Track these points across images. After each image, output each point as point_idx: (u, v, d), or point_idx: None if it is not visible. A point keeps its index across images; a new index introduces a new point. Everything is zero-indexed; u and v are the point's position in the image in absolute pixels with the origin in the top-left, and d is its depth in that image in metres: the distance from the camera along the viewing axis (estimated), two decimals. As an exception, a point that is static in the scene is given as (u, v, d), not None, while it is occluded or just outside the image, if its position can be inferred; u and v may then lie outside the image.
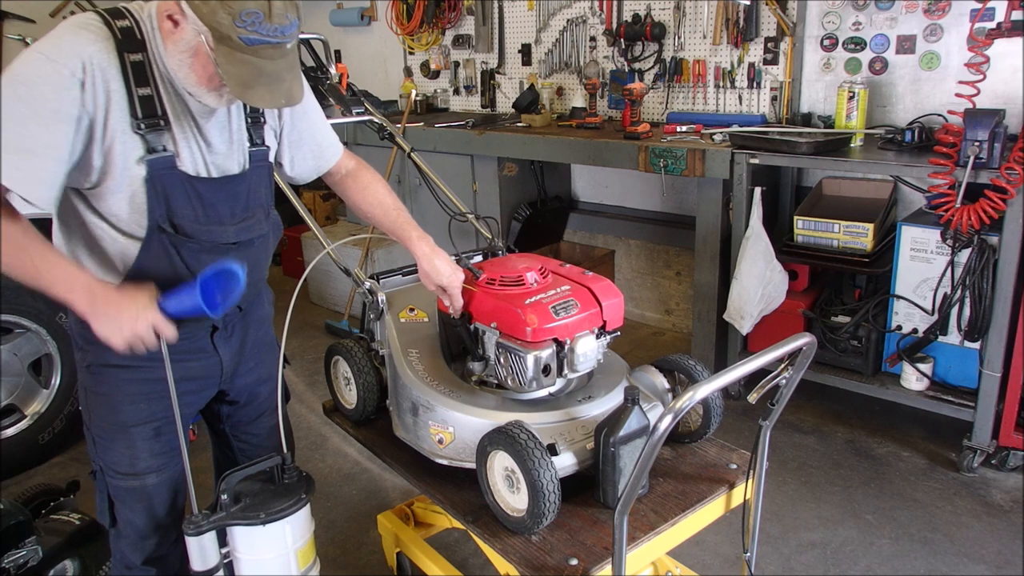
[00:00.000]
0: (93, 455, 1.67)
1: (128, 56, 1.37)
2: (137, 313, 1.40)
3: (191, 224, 1.50)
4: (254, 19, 1.28)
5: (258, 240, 1.65)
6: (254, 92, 1.34)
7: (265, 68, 1.33)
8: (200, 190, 1.50)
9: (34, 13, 5.43)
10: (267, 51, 1.32)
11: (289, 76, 1.38)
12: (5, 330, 3.01)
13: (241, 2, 1.27)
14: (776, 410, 1.60)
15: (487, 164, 4.03)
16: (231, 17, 1.27)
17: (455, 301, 1.77)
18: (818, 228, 3.09)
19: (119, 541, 1.72)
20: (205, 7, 1.28)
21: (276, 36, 1.31)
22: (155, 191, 1.44)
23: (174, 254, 1.51)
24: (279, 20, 1.30)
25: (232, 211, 1.57)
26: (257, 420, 1.89)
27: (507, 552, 1.54)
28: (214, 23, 1.28)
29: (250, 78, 1.33)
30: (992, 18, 2.89)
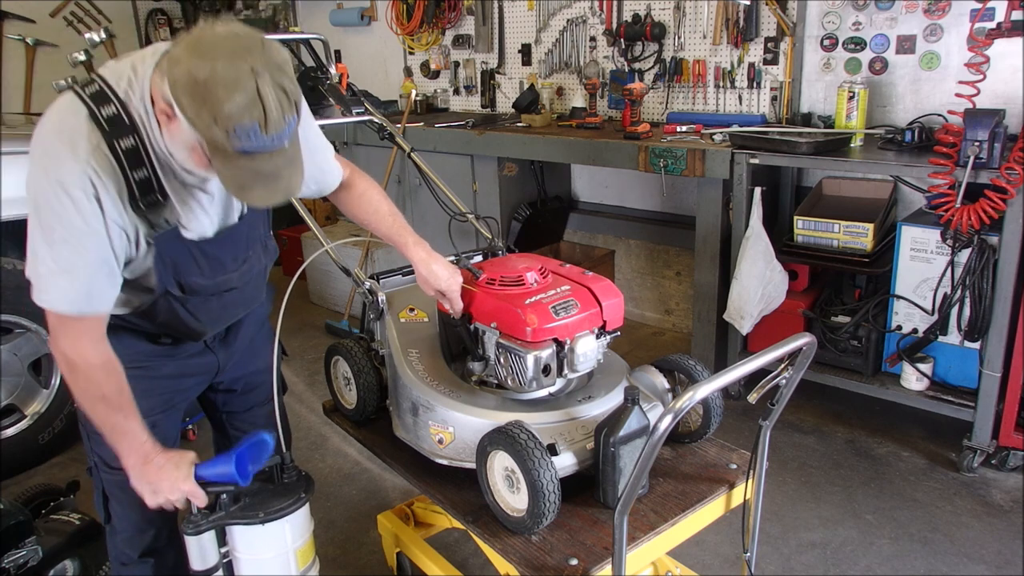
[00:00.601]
0: (89, 450, 1.69)
1: (119, 144, 1.34)
2: (175, 483, 1.48)
3: (198, 280, 1.54)
4: (250, 133, 1.21)
5: (257, 275, 1.71)
6: (251, 193, 1.31)
7: (263, 168, 1.29)
8: (204, 249, 1.52)
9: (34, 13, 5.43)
10: (264, 156, 1.27)
11: (288, 172, 1.33)
12: (5, 330, 3.01)
13: (235, 118, 1.20)
14: (776, 410, 1.60)
15: (487, 164, 4.03)
16: (225, 133, 1.21)
17: (454, 304, 1.77)
18: (818, 228, 3.09)
19: (115, 537, 1.75)
20: (199, 120, 1.22)
21: (273, 144, 1.26)
22: (163, 262, 1.47)
23: (179, 307, 1.55)
24: (276, 128, 1.24)
25: (234, 257, 1.60)
26: (252, 409, 1.92)
27: (507, 552, 1.54)
28: (208, 136, 1.23)
29: (247, 180, 1.29)
30: (992, 18, 2.89)
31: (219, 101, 1.19)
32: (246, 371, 1.86)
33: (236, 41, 1.22)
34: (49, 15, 5.53)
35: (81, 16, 5.68)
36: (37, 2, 5.45)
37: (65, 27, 5.60)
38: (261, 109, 1.21)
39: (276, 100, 1.22)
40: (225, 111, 1.19)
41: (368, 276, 2.00)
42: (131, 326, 1.57)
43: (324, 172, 1.76)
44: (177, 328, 1.62)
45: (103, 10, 5.78)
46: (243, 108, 1.20)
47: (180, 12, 6.34)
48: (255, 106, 1.20)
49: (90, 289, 1.38)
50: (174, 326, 1.60)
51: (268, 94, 1.21)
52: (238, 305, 1.71)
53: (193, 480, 1.50)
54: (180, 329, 1.62)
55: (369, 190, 1.84)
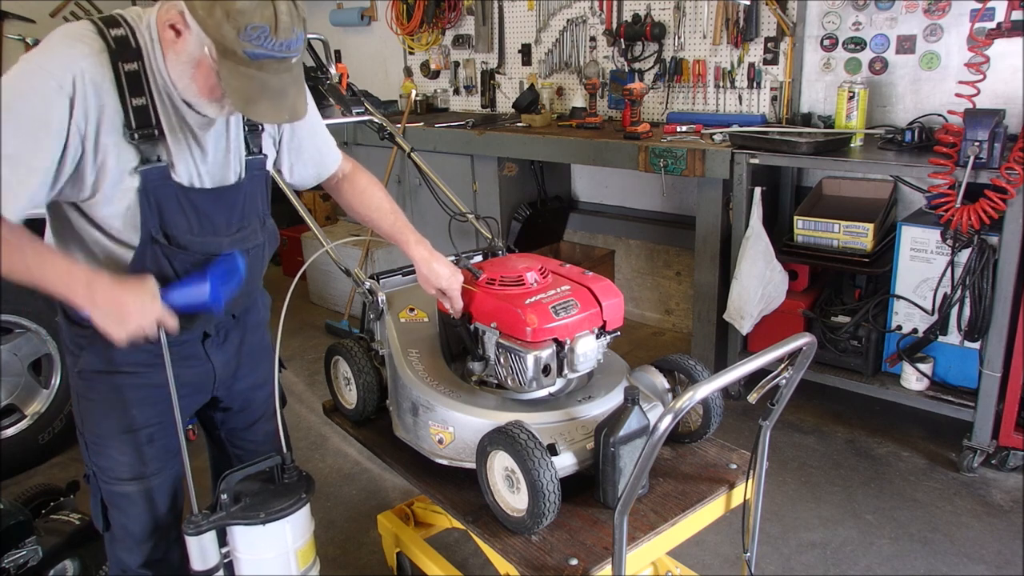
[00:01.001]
0: (86, 459, 1.66)
1: (123, 66, 1.34)
2: (141, 305, 1.37)
3: (185, 235, 1.49)
4: (260, 33, 1.24)
5: (253, 250, 1.64)
6: (257, 107, 1.32)
7: (269, 83, 1.30)
8: (194, 201, 1.48)
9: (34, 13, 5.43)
10: (272, 65, 1.29)
11: (294, 91, 1.35)
12: (5, 330, 3.01)
13: (247, 15, 1.23)
14: (776, 410, 1.60)
15: (487, 164, 4.03)
16: (236, 31, 1.24)
17: (455, 303, 1.77)
18: (818, 228, 3.09)
19: (113, 545, 1.71)
20: (210, 19, 1.24)
21: (282, 51, 1.28)
22: (148, 202, 1.42)
23: (167, 264, 1.49)
24: (285, 35, 1.27)
25: (228, 221, 1.55)
26: (253, 426, 1.88)
27: (507, 552, 1.54)
28: (218, 36, 1.25)
29: (254, 93, 1.30)
30: (992, 18, 2.89)
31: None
32: (245, 385, 1.81)
33: None
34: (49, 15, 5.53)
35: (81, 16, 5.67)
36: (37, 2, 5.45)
37: (65, 27, 5.60)
38: (272, 11, 1.25)
39: (287, 6, 1.27)
40: (238, 6, 1.23)
41: (368, 276, 2.00)
42: None
43: (323, 154, 1.76)
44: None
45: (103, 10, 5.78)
46: (255, 6, 1.24)
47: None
48: (266, 6, 1.24)
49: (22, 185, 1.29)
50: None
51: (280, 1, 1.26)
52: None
53: (160, 302, 1.40)
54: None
55: (371, 187, 1.84)
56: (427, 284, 1.78)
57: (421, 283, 1.80)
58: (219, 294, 1.43)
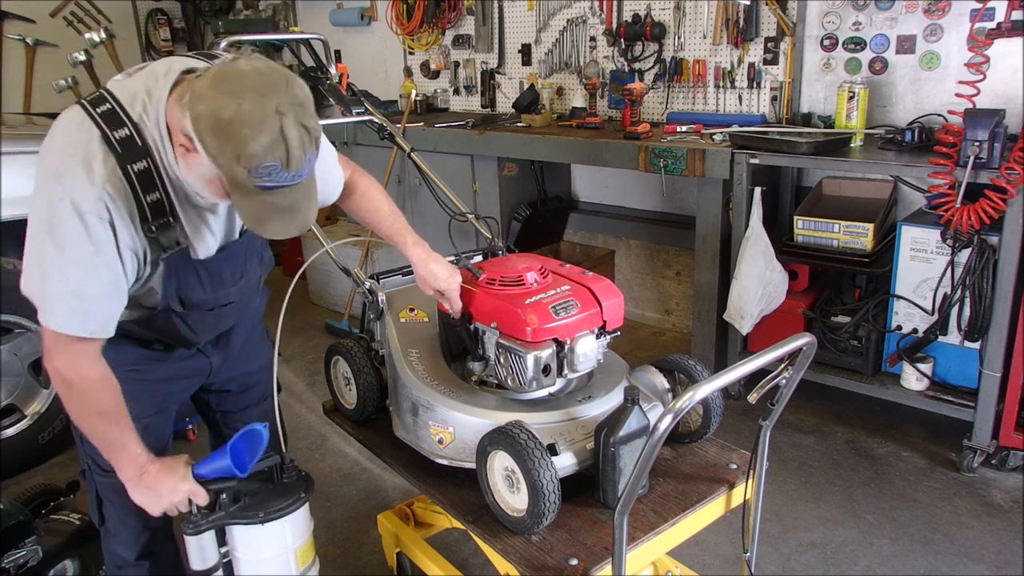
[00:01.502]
0: (82, 453, 1.70)
1: (131, 168, 1.33)
2: (175, 486, 1.50)
3: (198, 296, 1.55)
4: (271, 170, 1.22)
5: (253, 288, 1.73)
6: (268, 226, 1.32)
7: (280, 203, 1.29)
8: (207, 265, 1.53)
9: (34, 13, 5.43)
10: (284, 191, 1.28)
11: (305, 205, 1.34)
12: (5, 330, 3.01)
13: (259, 157, 1.21)
14: (776, 410, 1.60)
15: (487, 164, 4.03)
16: (247, 171, 1.22)
17: (454, 304, 1.77)
18: (818, 228, 3.09)
19: (109, 540, 1.74)
20: (221, 157, 1.22)
21: (293, 180, 1.27)
22: (169, 280, 1.48)
23: (178, 321, 1.57)
24: (297, 167, 1.25)
25: (233, 272, 1.61)
26: (246, 409, 1.92)
27: (507, 552, 1.54)
28: (229, 173, 1.24)
29: (265, 214, 1.30)
30: (992, 18, 2.89)
31: (244, 141, 1.19)
32: (239, 372, 1.86)
33: (261, 79, 1.23)
34: (49, 15, 5.53)
35: (81, 16, 5.68)
36: (37, 2, 5.45)
37: (65, 27, 5.60)
38: (284, 149, 1.22)
39: (299, 139, 1.23)
40: (249, 151, 1.20)
41: (368, 276, 2.00)
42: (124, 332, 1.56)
43: (329, 184, 1.75)
44: (172, 337, 1.62)
45: (103, 10, 5.78)
46: (267, 148, 1.20)
47: (180, 12, 6.34)
48: (278, 146, 1.21)
49: (99, 311, 1.38)
50: (169, 335, 1.61)
51: (291, 134, 1.22)
52: (232, 316, 1.73)
53: (192, 479, 1.50)
54: (175, 338, 1.63)
55: (371, 189, 1.84)
56: (425, 285, 1.78)
57: (419, 284, 1.81)
58: (245, 464, 1.52)
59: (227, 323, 1.74)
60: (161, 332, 1.60)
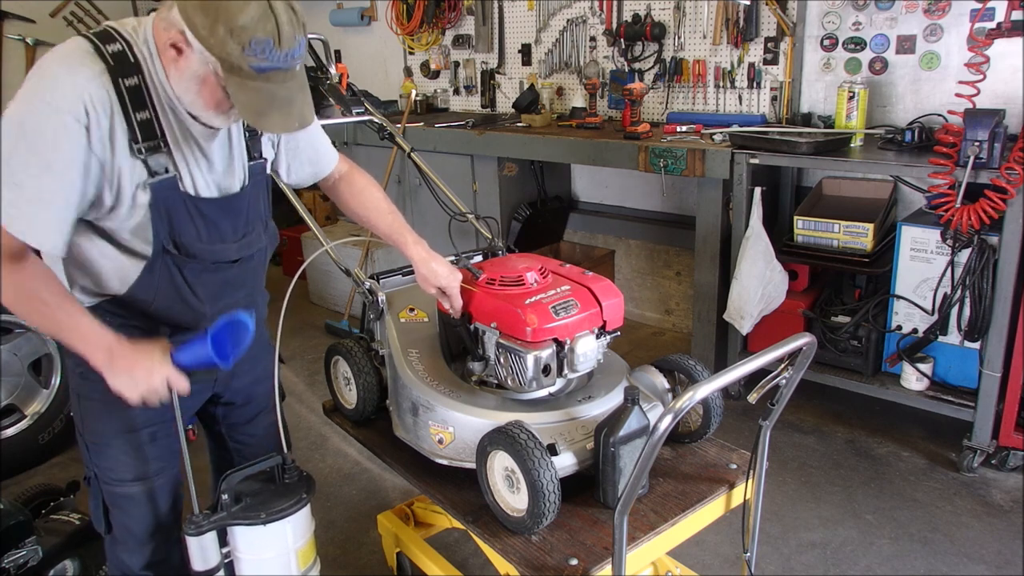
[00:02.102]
0: (87, 461, 1.66)
1: (123, 82, 1.33)
2: (152, 368, 1.41)
3: (194, 244, 1.50)
4: (264, 47, 1.24)
5: (257, 254, 1.67)
6: (268, 119, 1.32)
7: (277, 93, 1.31)
8: (203, 210, 1.50)
9: (34, 13, 5.43)
10: (278, 76, 1.30)
11: (300, 98, 1.36)
12: (5, 330, 3.01)
13: (250, 31, 1.23)
14: (776, 410, 1.60)
15: (487, 164, 4.03)
16: (241, 47, 1.23)
17: (455, 303, 1.77)
18: (818, 228, 3.09)
19: (115, 547, 1.71)
20: (212, 38, 1.24)
21: (287, 61, 1.28)
22: (159, 213, 1.44)
23: (176, 274, 1.51)
24: (288, 44, 1.27)
25: (234, 228, 1.57)
26: (253, 420, 1.89)
27: (507, 552, 1.54)
28: (223, 54, 1.25)
29: (263, 105, 1.30)
30: (992, 18, 2.89)
31: (233, 14, 1.22)
32: (245, 381, 1.82)
33: None
34: (49, 15, 5.53)
35: (81, 16, 5.68)
36: (37, 2, 5.44)
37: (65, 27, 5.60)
38: (274, 23, 1.24)
39: (287, 15, 1.26)
40: (240, 22, 1.22)
41: (368, 276, 2.00)
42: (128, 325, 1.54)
43: (320, 154, 1.76)
44: (175, 308, 1.56)
45: (103, 10, 5.78)
46: (257, 20, 1.23)
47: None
48: (268, 19, 1.24)
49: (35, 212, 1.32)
50: (172, 303, 1.54)
51: (279, 8, 1.25)
52: (236, 285, 1.66)
53: (170, 364, 1.43)
54: (178, 308, 1.56)
55: (369, 187, 1.84)
56: (426, 284, 1.78)
57: (420, 283, 1.80)
58: (228, 353, 1.45)
59: (230, 294, 1.65)
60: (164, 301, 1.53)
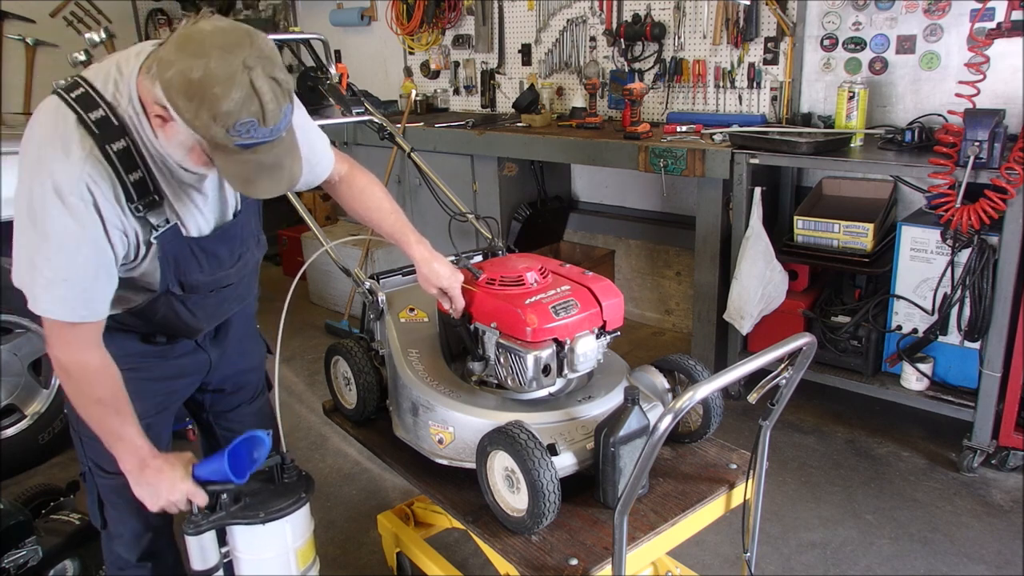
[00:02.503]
0: (82, 455, 1.69)
1: (110, 148, 1.33)
2: (174, 484, 1.49)
3: (197, 277, 1.54)
4: (249, 127, 1.22)
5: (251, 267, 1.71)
6: (256, 186, 1.31)
7: (264, 161, 1.29)
8: (203, 246, 1.52)
9: (34, 13, 5.43)
10: (264, 147, 1.27)
11: (289, 160, 1.34)
12: (5, 330, 3.01)
13: (234, 115, 1.20)
14: (776, 410, 1.60)
15: (487, 164, 4.03)
16: (225, 130, 1.21)
17: (456, 303, 1.77)
18: (818, 228, 3.09)
19: (111, 542, 1.73)
20: (197, 121, 1.21)
21: (272, 135, 1.26)
22: (167, 261, 1.47)
23: (177, 303, 1.55)
24: (273, 120, 1.24)
25: (231, 253, 1.60)
26: (239, 408, 1.92)
27: (507, 552, 1.54)
28: (208, 136, 1.23)
29: (250, 174, 1.29)
30: (992, 18, 2.89)
31: (216, 100, 1.19)
32: (235, 370, 1.86)
33: (225, 37, 1.22)
34: (49, 15, 5.53)
35: (81, 16, 5.68)
36: (37, 2, 5.45)
37: (65, 27, 5.60)
38: (258, 103, 1.21)
39: (271, 92, 1.23)
40: (224, 109, 1.19)
41: (368, 276, 2.00)
42: (124, 327, 1.57)
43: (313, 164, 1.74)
44: (174, 326, 1.61)
45: (103, 10, 5.78)
46: (240, 104, 1.20)
47: (180, 12, 6.34)
48: (252, 101, 1.21)
49: (88, 296, 1.37)
50: (171, 323, 1.60)
51: (263, 87, 1.21)
52: (233, 300, 1.72)
53: (191, 480, 1.50)
54: (177, 326, 1.62)
55: (370, 186, 1.83)
56: (427, 284, 1.78)
57: (421, 283, 1.80)
58: (244, 471, 1.51)
59: (227, 309, 1.73)
60: (163, 320, 1.58)
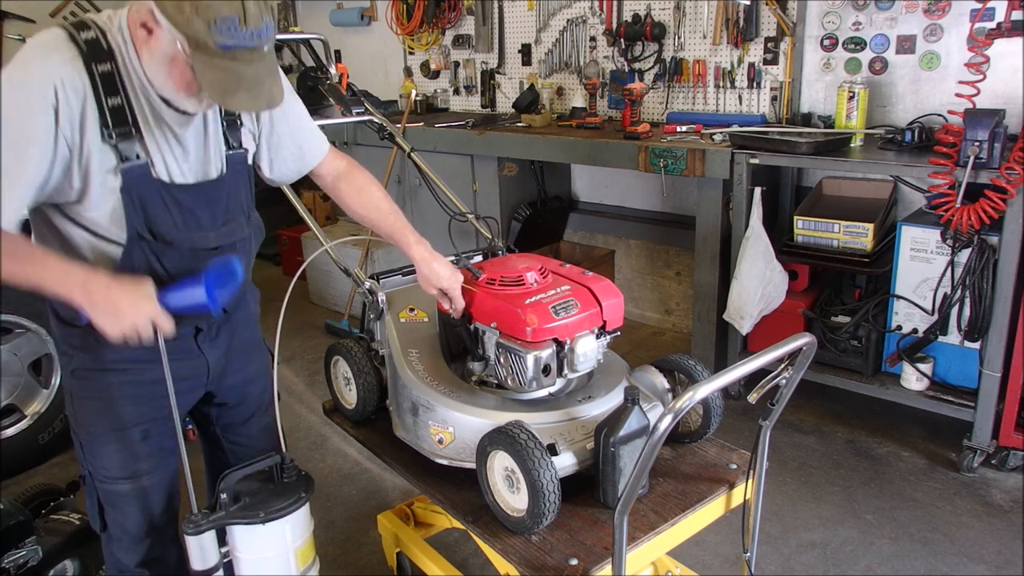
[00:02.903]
0: (81, 459, 1.67)
1: (96, 67, 1.35)
2: (137, 304, 1.38)
3: (171, 231, 1.49)
4: (229, 24, 1.25)
5: (239, 243, 1.64)
6: (234, 98, 1.33)
7: (244, 72, 1.31)
8: (177, 197, 1.49)
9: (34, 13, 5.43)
10: (245, 55, 1.30)
11: (269, 79, 1.36)
12: (5, 330, 3.01)
13: (215, 8, 1.24)
14: (776, 410, 1.60)
15: (487, 164, 4.03)
16: (206, 24, 1.25)
17: (456, 303, 1.77)
18: (818, 228, 3.09)
19: (111, 545, 1.71)
20: (179, 15, 1.26)
21: (253, 40, 1.29)
22: (131, 200, 1.43)
23: (155, 261, 1.50)
24: (255, 23, 1.28)
25: (212, 216, 1.56)
26: (248, 421, 1.87)
27: (507, 552, 1.54)
28: (189, 31, 1.26)
29: (229, 84, 1.31)
30: (992, 18, 2.89)
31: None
32: (238, 379, 1.80)
33: None
34: (49, 15, 5.53)
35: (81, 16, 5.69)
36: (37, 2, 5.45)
37: (65, 27, 5.61)
38: (240, 2, 1.26)
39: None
40: (205, 1, 1.24)
41: (368, 276, 2.00)
42: None
43: (304, 150, 1.73)
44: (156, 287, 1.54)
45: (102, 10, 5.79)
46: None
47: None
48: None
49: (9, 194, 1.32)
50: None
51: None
52: None
53: (156, 303, 1.40)
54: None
55: (369, 186, 1.82)
56: (427, 284, 1.78)
57: (421, 283, 1.80)
58: (216, 296, 1.42)
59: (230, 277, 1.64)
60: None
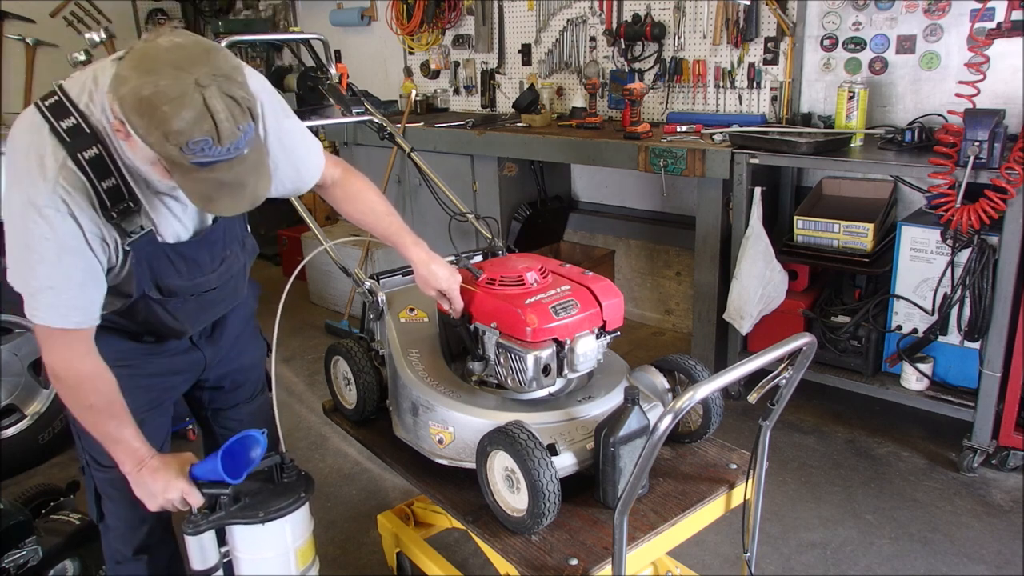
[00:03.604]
0: (80, 449, 1.71)
1: (81, 156, 1.33)
2: (168, 484, 1.50)
3: (175, 282, 1.54)
4: (203, 146, 1.19)
5: (236, 275, 1.70)
6: (217, 204, 1.30)
7: (224, 179, 1.26)
8: (181, 251, 1.52)
9: (34, 13, 5.43)
10: (223, 166, 1.24)
11: (253, 178, 1.31)
12: (5, 330, 3.01)
13: (186, 133, 1.18)
14: (776, 410, 1.60)
15: (487, 164, 4.03)
16: (178, 149, 1.19)
17: (455, 304, 1.77)
18: (818, 228, 3.09)
19: (108, 535, 1.75)
20: (150, 138, 1.20)
21: (231, 153, 1.23)
22: (141, 267, 1.46)
23: (157, 307, 1.55)
24: (229, 139, 1.21)
25: (212, 258, 1.59)
26: (237, 406, 1.92)
27: (507, 552, 1.54)
28: (163, 152, 1.21)
29: (211, 191, 1.27)
30: (992, 18, 2.88)
31: (167, 118, 1.17)
32: (232, 368, 1.86)
33: (179, 53, 1.20)
34: (49, 15, 5.53)
35: (81, 16, 5.68)
36: (37, 2, 5.45)
37: (65, 27, 5.61)
38: (211, 122, 1.19)
39: (226, 110, 1.20)
40: (174, 128, 1.17)
41: (368, 276, 2.00)
42: (113, 325, 1.57)
43: (300, 171, 1.71)
44: (158, 328, 1.62)
45: (103, 10, 5.79)
46: (192, 123, 1.18)
47: (180, 12, 6.35)
48: (204, 119, 1.18)
49: (76, 303, 1.39)
50: (155, 326, 1.60)
51: (217, 106, 1.19)
52: (217, 304, 1.71)
53: (187, 479, 1.51)
54: (161, 329, 1.62)
55: (364, 190, 1.81)
56: (426, 286, 1.78)
57: (419, 284, 1.80)
58: (238, 471, 1.52)
59: (215, 311, 1.72)
60: (146, 322, 1.58)
